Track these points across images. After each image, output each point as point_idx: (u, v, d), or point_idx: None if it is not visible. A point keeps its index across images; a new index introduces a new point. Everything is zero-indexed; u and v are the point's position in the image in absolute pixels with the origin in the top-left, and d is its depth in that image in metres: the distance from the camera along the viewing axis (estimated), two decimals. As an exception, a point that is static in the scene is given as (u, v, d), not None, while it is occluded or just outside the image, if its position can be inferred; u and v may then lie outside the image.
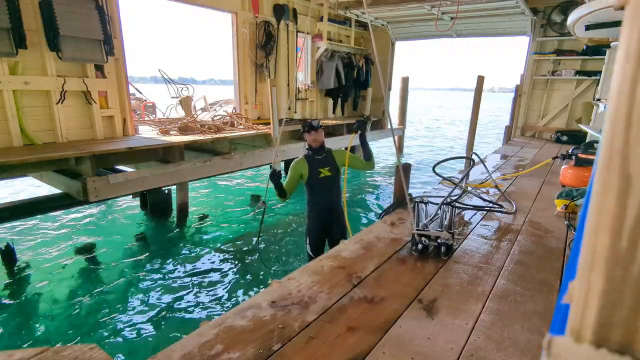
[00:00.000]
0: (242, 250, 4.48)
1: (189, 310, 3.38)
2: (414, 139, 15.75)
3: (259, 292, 2.03)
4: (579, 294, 0.33)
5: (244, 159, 5.35)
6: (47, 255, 4.34)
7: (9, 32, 3.64)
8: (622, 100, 0.30)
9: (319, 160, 3.26)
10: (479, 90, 5.72)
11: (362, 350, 1.57)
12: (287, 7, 7.02)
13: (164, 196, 5.63)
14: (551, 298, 1.98)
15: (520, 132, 8.83)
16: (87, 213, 5.68)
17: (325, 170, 3.25)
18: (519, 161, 5.87)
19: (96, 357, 1.42)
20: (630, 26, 0.29)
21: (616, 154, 0.30)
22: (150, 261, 4.29)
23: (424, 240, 2.46)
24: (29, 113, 4.04)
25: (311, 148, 3.28)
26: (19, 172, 3.94)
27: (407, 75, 10.40)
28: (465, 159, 4.76)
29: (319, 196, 3.28)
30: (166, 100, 7.00)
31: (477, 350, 1.58)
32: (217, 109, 7.31)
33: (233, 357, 1.51)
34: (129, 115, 4.88)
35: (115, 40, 4.50)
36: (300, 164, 3.25)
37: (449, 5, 6.80)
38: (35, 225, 5.10)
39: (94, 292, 3.67)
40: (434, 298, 1.97)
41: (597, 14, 2.71)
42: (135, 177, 4.15)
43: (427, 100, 66.14)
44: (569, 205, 3.24)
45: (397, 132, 10.36)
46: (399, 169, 3.12)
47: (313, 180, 3.24)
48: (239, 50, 6.42)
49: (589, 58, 7.70)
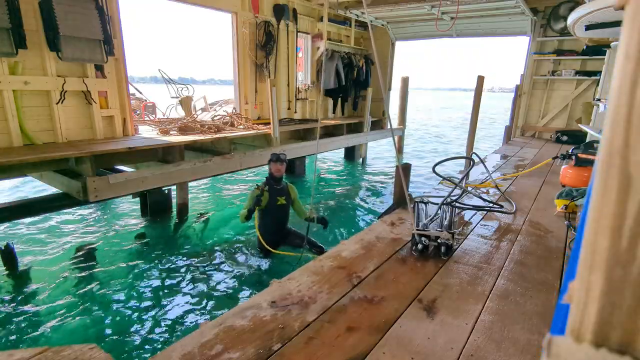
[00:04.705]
0: (242, 250, 4.48)
1: (189, 310, 3.38)
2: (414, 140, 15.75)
3: (259, 292, 2.03)
4: (579, 294, 0.33)
5: (244, 159, 5.35)
6: (47, 255, 4.34)
7: (9, 32, 3.64)
8: (622, 100, 0.30)
9: (278, 190, 3.88)
10: (478, 91, 5.72)
11: (362, 350, 1.57)
12: (287, 7, 7.02)
13: (164, 196, 5.62)
14: (551, 298, 1.98)
15: (520, 132, 8.83)
16: (87, 213, 5.68)
17: (281, 199, 3.89)
18: (519, 161, 5.87)
19: (96, 357, 1.42)
20: (630, 26, 0.29)
21: (616, 154, 0.30)
22: (150, 261, 4.29)
23: (424, 240, 2.46)
24: (28, 113, 4.04)
25: (273, 177, 3.88)
26: (18, 172, 3.94)
27: (407, 75, 10.40)
28: (465, 159, 4.76)
29: (271, 220, 3.90)
30: (166, 100, 6.99)
31: (477, 350, 1.58)
32: (217, 109, 7.30)
33: (233, 357, 1.51)
34: (129, 115, 4.88)
35: (115, 40, 4.50)
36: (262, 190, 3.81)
37: (449, 5, 6.79)
38: (35, 225, 5.10)
39: (94, 292, 3.67)
40: (434, 298, 1.97)
41: (597, 14, 2.71)
42: (135, 177, 4.15)
43: (427, 100, 66.14)
44: (569, 205, 3.24)
45: (397, 132, 10.36)
46: (398, 169, 3.12)
47: (271, 207, 3.82)
48: (239, 50, 6.42)
49: (589, 58, 7.69)
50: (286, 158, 3.93)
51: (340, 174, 9.06)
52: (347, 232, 5.10)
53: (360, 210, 6.30)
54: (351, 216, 5.92)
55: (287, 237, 4.06)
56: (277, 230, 3.96)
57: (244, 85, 6.63)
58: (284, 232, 4.05)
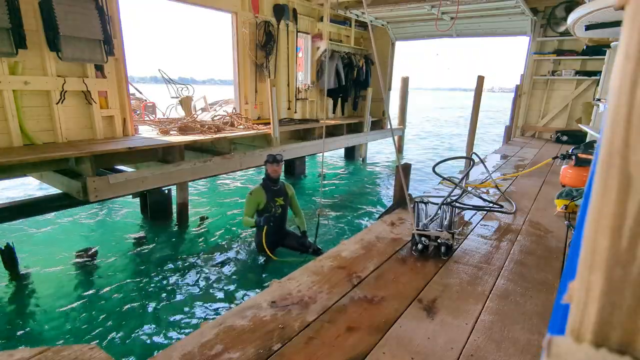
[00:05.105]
0: (242, 250, 4.48)
1: (189, 310, 3.38)
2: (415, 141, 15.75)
3: (259, 292, 2.03)
4: (578, 294, 0.33)
5: (244, 159, 5.36)
6: (47, 255, 4.34)
7: (9, 32, 3.64)
8: (622, 100, 0.30)
9: (275, 191, 3.85)
10: (478, 91, 5.72)
11: (362, 350, 1.57)
12: (287, 7, 7.02)
13: (164, 196, 5.62)
14: (551, 298, 1.98)
15: (520, 132, 8.83)
16: (87, 213, 5.68)
17: (280, 200, 3.86)
18: (519, 161, 5.87)
19: (96, 357, 1.42)
20: (630, 26, 0.29)
21: (616, 154, 0.30)
22: (150, 261, 4.29)
23: (424, 240, 2.46)
24: (28, 113, 4.04)
25: (269, 178, 3.85)
26: (18, 172, 3.94)
27: (407, 75, 10.41)
28: (465, 159, 4.76)
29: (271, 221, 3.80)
30: (166, 100, 6.99)
31: (477, 350, 1.58)
32: (217, 109, 7.30)
33: (233, 357, 1.51)
34: (129, 115, 4.88)
35: (115, 40, 4.50)
36: (259, 193, 3.80)
37: (449, 5, 6.80)
38: (35, 225, 5.10)
39: (94, 292, 3.67)
40: (434, 298, 1.97)
41: (597, 14, 2.71)
42: (135, 177, 4.15)
43: (426, 100, 66.15)
44: (569, 205, 3.24)
45: (397, 132, 10.36)
46: (398, 169, 3.12)
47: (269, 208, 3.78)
48: (239, 50, 6.41)
49: (589, 58, 7.70)
50: (282, 159, 3.91)
51: (341, 174, 9.07)
52: (347, 232, 5.10)
53: (360, 210, 6.30)
54: (351, 216, 5.92)
55: (285, 238, 4.05)
56: (276, 231, 3.95)
57: (244, 85, 6.63)
58: (282, 232, 4.04)
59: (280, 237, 4.01)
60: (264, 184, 3.86)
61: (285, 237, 4.05)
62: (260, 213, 3.82)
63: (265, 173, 3.90)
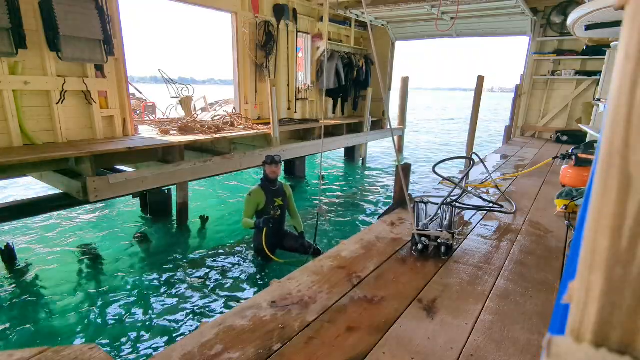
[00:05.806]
0: (242, 250, 4.48)
1: (189, 311, 3.38)
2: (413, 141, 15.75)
3: (259, 292, 2.03)
4: (579, 294, 0.33)
5: (244, 159, 5.36)
6: (47, 255, 4.34)
7: (9, 32, 3.64)
8: (622, 100, 0.30)
9: (274, 191, 3.86)
10: (478, 91, 5.72)
11: (362, 350, 1.57)
12: (287, 7, 7.02)
13: (164, 196, 5.62)
14: (551, 298, 1.98)
15: (520, 132, 8.83)
16: (87, 213, 5.68)
17: (278, 200, 3.86)
18: (519, 161, 5.87)
19: (96, 357, 1.43)
20: (630, 26, 0.29)
21: (616, 154, 0.30)
22: (150, 261, 4.29)
23: (424, 240, 2.46)
24: (28, 113, 4.04)
25: (268, 179, 3.85)
26: (18, 172, 3.94)
27: (407, 75, 10.40)
28: (465, 159, 4.76)
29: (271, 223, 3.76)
30: (166, 100, 6.99)
31: (477, 350, 1.58)
32: (217, 109, 7.30)
33: (233, 357, 1.51)
34: (129, 115, 4.88)
35: (115, 40, 4.50)
36: (258, 194, 3.79)
37: (449, 5, 6.80)
38: (35, 225, 5.10)
39: (94, 292, 3.67)
40: (434, 298, 1.97)
41: (597, 14, 2.71)
42: (135, 177, 4.15)
43: (426, 100, 66.16)
44: (569, 205, 3.24)
45: (397, 132, 10.36)
46: (398, 169, 3.13)
47: (268, 209, 3.78)
48: (239, 50, 6.41)
49: (589, 58, 7.70)
50: (281, 159, 3.91)
51: (340, 174, 9.07)
52: (347, 232, 5.10)
53: (360, 210, 6.30)
54: (351, 216, 5.92)
55: (284, 239, 4.03)
56: (275, 232, 3.93)
57: (244, 85, 6.63)
58: (281, 233, 4.03)
59: (279, 238, 4.00)
60: (262, 185, 3.85)
61: (284, 238, 4.05)
62: (259, 214, 3.80)
63: (264, 174, 3.89)
